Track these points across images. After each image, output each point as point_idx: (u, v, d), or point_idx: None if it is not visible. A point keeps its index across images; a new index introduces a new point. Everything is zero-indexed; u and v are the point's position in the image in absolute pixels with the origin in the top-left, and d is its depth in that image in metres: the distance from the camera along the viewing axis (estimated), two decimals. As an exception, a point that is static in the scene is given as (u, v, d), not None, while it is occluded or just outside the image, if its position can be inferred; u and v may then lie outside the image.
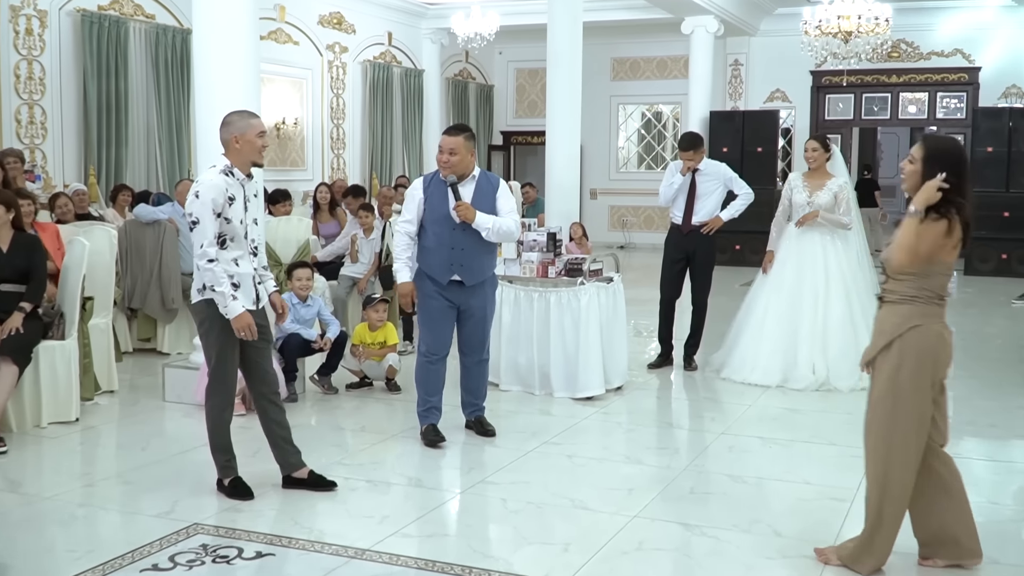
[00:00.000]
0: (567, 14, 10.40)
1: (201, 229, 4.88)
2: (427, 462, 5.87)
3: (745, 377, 7.86)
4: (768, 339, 7.88)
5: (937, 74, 17.78)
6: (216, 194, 4.87)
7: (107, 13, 11.99)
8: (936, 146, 4.10)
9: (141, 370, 8.24)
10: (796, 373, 7.72)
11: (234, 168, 4.98)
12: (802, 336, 7.79)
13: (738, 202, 8.30)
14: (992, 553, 4.41)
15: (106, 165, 11.89)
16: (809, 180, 7.96)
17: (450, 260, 6.00)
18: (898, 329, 4.06)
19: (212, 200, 4.86)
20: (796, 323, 7.82)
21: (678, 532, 4.75)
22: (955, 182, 3.94)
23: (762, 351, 7.87)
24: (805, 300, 7.82)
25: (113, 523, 4.92)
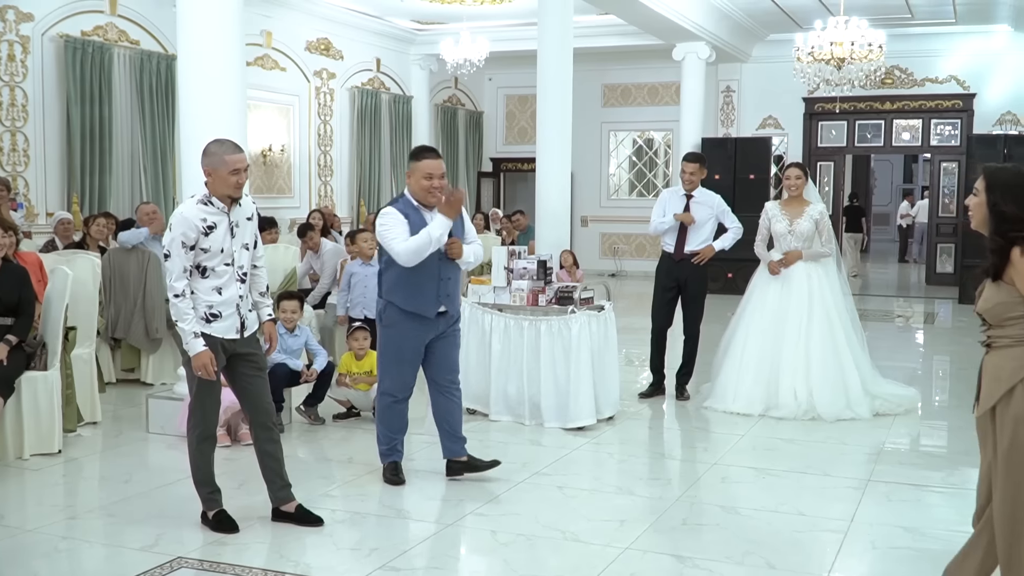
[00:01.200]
0: (557, 40, 10.48)
1: (170, 263, 4.90)
2: (415, 494, 5.87)
3: (727, 406, 7.90)
4: (749, 368, 7.93)
5: (931, 100, 17.93)
6: (186, 228, 4.87)
7: (91, 39, 12.05)
8: (997, 174, 3.87)
9: (125, 401, 8.23)
10: (779, 401, 7.76)
11: (213, 197, 4.96)
12: (785, 363, 7.83)
13: (729, 235, 8.37)
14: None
15: (90, 193, 11.90)
16: (787, 208, 8.06)
17: (438, 292, 5.89)
18: (1018, 373, 3.75)
19: (182, 234, 4.86)
20: (779, 350, 7.86)
21: (670, 564, 4.76)
22: (1017, 213, 3.74)
23: (744, 380, 7.91)
24: (789, 326, 7.87)
25: (96, 556, 4.91)
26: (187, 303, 4.90)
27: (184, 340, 4.93)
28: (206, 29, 6.89)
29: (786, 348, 7.83)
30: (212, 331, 4.97)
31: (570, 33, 10.65)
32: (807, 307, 7.89)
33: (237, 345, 5.08)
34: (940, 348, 11.92)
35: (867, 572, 4.64)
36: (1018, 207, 3.75)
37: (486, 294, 7.76)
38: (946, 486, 6.07)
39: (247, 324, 5.14)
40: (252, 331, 5.19)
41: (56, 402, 6.58)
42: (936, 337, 12.88)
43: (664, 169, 20.05)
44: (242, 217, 5.09)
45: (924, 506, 5.73)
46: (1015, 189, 3.79)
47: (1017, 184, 3.81)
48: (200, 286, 4.96)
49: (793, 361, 7.80)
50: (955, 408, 8.53)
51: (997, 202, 3.78)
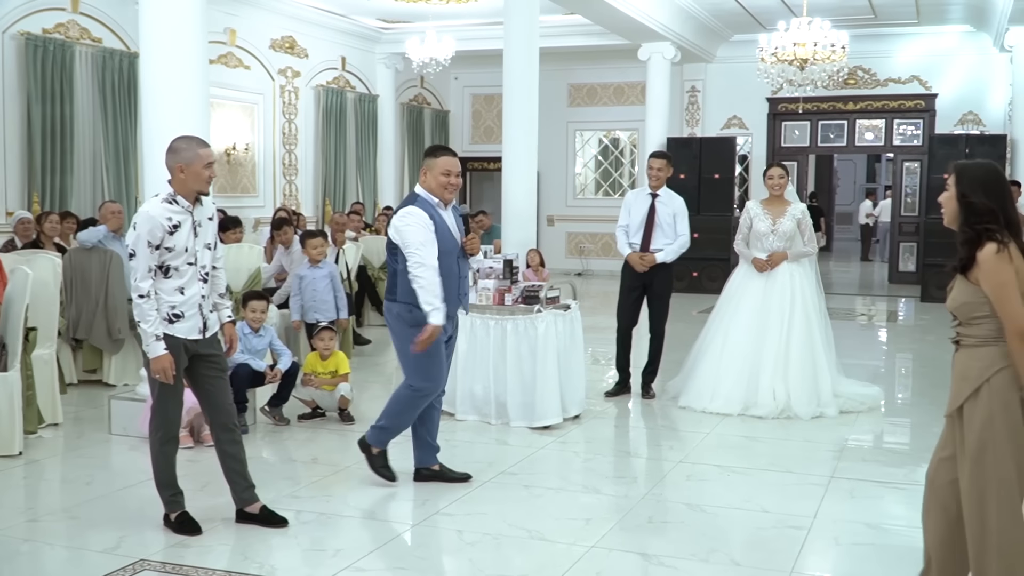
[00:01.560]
0: (523, 40, 10.48)
1: (135, 262, 4.86)
2: (381, 494, 5.85)
3: (705, 406, 7.91)
4: (729, 367, 7.96)
5: (894, 101, 18.11)
6: (152, 226, 4.83)
7: (52, 36, 11.92)
8: (966, 167, 3.94)
9: (86, 402, 8.15)
10: (758, 400, 7.80)
11: (177, 196, 4.93)
12: (765, 362, 7.87)
13: (674, 247, 8.29)
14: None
15: (51, 192, 11.79)
16: (769, 208, 8.10)
17: (459, 290, 5.84)
18: (984, 373, 3.79)
19: (148, 232, 4.82)
20: (760, 348, 7.91)
21: (636, 562, 4.77)
22: (988, 205, 3.80)
23: (723, 379, 7.94)
24: (772, 324, 7.92)
25: (58, 559, 4.86)
26: (151, 304, 4.86)
27: (145, 342, 4.90)
28: (169, 26, 6.85)
29: (768, 346, 7.89)
30: (175, 332, 4.94)
31: (536, 33, 10.66)
32: (790, 305, 7.96)
33: (199, 346, 5.04)
34: (902, 346, 12.02)
35: (831, 568, 4.68)
36: (987, 198, 3.81)
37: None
38: (908, 483, 6.12)
39: (209, 324, 5.11)
40: (214, 332, 5.16)
41: (16, 403, 6.50)
42: (898, 335, 12.98)
43: (630, 168, 20.12)
44: (204, 216, 5.06)
45: (887, 502, 5.78)
46: (984, 181, 3.85)
47: (986, 176, 3.88)
48: (163, 286, 4.92)
49: (774, 359, 7.85)
50: (917, 405, 8.62)
51: (966, 193, 3.84)
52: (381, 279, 12.60)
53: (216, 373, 5.15)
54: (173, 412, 5.10)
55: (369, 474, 5.98)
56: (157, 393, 5.04)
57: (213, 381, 5.15)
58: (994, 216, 3.79)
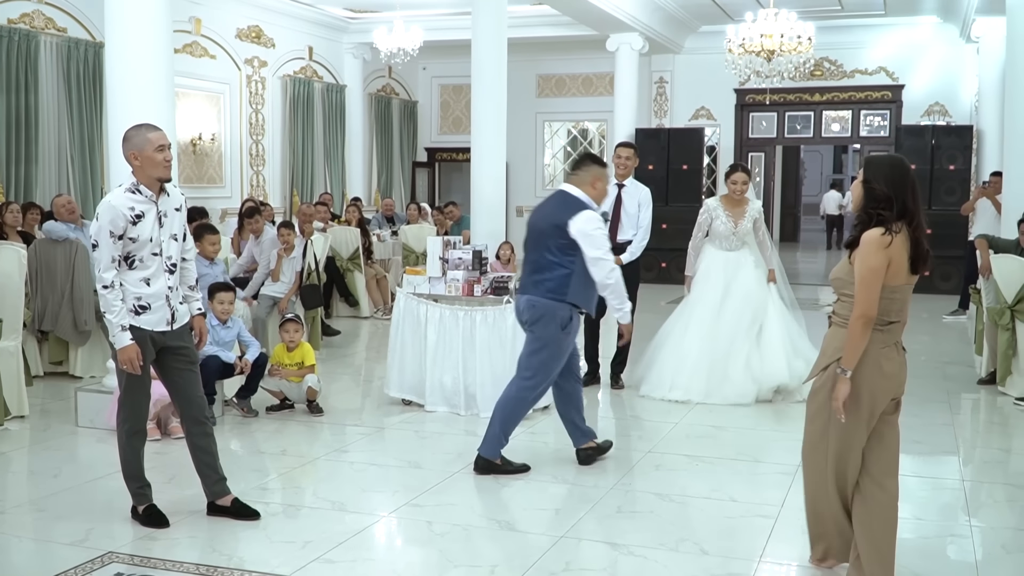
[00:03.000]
0: (492, 30, 10.46)
1: (98, 252, 4.83)
2: (349, 485, 5.85)
3: (664, 394, 8.00)
4: (690, 356, 8.03)
5: (861, 92, 18.22)
6: (114, 215, 4.79)
7: (16, 26, 11.78)
8: (873, 159, 4.21)
9: (53, 394, 8.09)
10: (727, 389, 7.88)
11: (140, 185, 4.89)
12: (737, 349, 7.97)
13: (636, 244, 8.35)
14: (918, 568, 4.55)
15: (15, 183, 11.66)
16: (729, 207, 8.21)
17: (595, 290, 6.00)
18: (837, 354, 4.11)
19: (110, 222, 4.78)
20: (728, 336, 8.00)
21: (605, 552, 4.80)
22: (886, 192, 4.04)
23: (684, 368, 8.01)
24: (744, 312, 8.05)
25: (26, 551, 4.83)
26: (116, 294, 4.83)
27: (111, 332, 4.86)
28: (134, 16, 6.81)
29: (738, 332, 8.02)
30: (141, 323, 4.91)
31: (504, 23, 10.64)
32: (758, 292, 8.15)
33: (167, 338, 5.01)
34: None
35: (797, 556, 4.72)
36: (887, 186, 4.07)
37: (421, 284, 7.74)
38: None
39: (177, 316, 5.07)
40: (183, 324, 5.12)
41: (-19, 396, 6.46)
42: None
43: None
44: (171, 207, 5.01)
45: (852, 491, 5.84)
46: (887, 170, 4.13)
47: (890, 168, 4.15)
48: (128, 277, 4.89)
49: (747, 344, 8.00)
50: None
51: (870, 180, 4.12)
52: (349, 270, 12.58)
53: (186, 365, 5.13)
54: (140, 404, 5.08)
55: (339, 464, 5.97)
56: (124, 385, 5.01)
57: (183, 373, 5.13)
58: (889, 204, 4.05)
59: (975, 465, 6.54)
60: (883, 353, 4.08)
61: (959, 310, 12.79)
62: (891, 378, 4.11)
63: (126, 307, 4.87)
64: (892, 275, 4.03)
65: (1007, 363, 8.29)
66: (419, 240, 13.79)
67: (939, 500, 5.74)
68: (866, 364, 4.05)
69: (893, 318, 4.10)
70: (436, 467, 6.18)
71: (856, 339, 4.00)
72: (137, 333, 4.88)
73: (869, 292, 3.98)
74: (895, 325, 4.12)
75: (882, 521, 4.16)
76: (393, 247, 14.50)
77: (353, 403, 8.13)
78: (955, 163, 15.75)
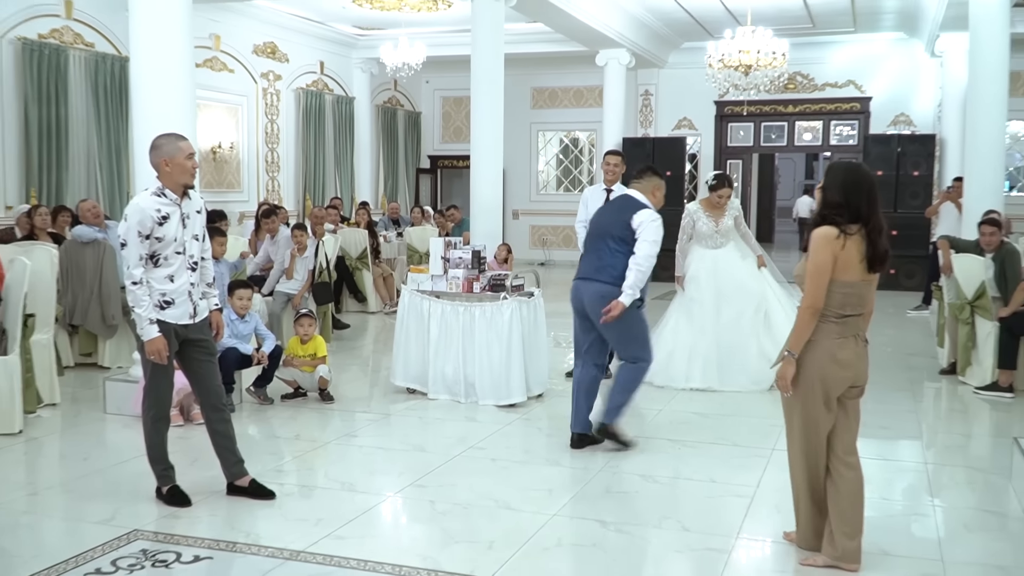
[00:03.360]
0: (490, 46, 10.47)
1: (127, 251, 4.86)
2: (358, 468, 5.86)
3: (683, 384, 8.02)
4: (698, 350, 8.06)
5: (831, 104, 18.20)
6: (142, 217, 4.82)
7: (47, 41, 11.76)
8: (834, 167, 4.21)
9: (82, 383, 8.08)
10: (742, 377, 7.92)
11: (166, 189, 4.92)
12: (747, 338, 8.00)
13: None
14: (884, 545, 4.55)
15: (47, 187, 11.65)
16: (708, 208, 8.22)
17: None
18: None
19: (138, 223, 4.81)
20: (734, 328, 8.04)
21: (594, 529, 4.80)
22: (838, 200, 4.05)
23: (696, 360, 8.04)
24: (744, 303, 8.10)
25: (57, 530, 4.82)
26: (144, 290, 4.85)
27: (139, 326, 4.88)
28: (157, 32, 6.80)
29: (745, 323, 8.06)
30: (165, 317, 4.91)
31: (501, 40, 10.65)
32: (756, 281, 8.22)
33: (189, 331, 5.02)
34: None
35: (772, 533, 4.72)
36: (840, 192, 4.08)
37: (424, 282, 7.75)
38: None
39: (198, 310, 5.09)
40: (203, 317, 5.13)
41: (16, 385, 6.45)
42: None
43: (588, 166, 20.13)
44: (192, 210, 5.05)
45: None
46: (841, 178, 4.13)
47: (844, 173, 4.16)
48: (154, 275, 4.90)
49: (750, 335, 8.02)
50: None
51: (827, 188, 4.14)
52: (358, 268, 12.57)
53: (205, 356, 5.14)
54: (165, 392, 5.09)
55: (349, 448, 5.97)
56: (149, 374, 5.01)
57: (203, 364, 5.14)
58: (841, 209, 4.06)
59: (937, 449, 6.55)
60: (838, 344, 4.09)
61: (922, 306, 12.80)
62: (847, 367, 4.10)
63: (152, 302, 4.88)
64: (844, 271, 4.04)
65: (967, 355, 8.31)
66: (422, 241, 13.77)
67: (904, 481, 5.74)
68: (818, 352, 4.08)
69: (849, 312, 4.08)
70: (438, 450, 6.18)
71: (802, 326, 4.08)
72: (162, 326, 4.89)
73: (815, 285, 4.04)
74: (853, 319, 4.11)
75: (851, 497, 4.18)
76: (398, 247, 14.49)
77: (362, 391, 8.13)
78: (919, 169, 15.76)
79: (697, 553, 4.49)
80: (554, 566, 4.33)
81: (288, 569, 4.25)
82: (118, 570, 4.20)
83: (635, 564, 4.36)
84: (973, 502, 5.35)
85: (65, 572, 4.18)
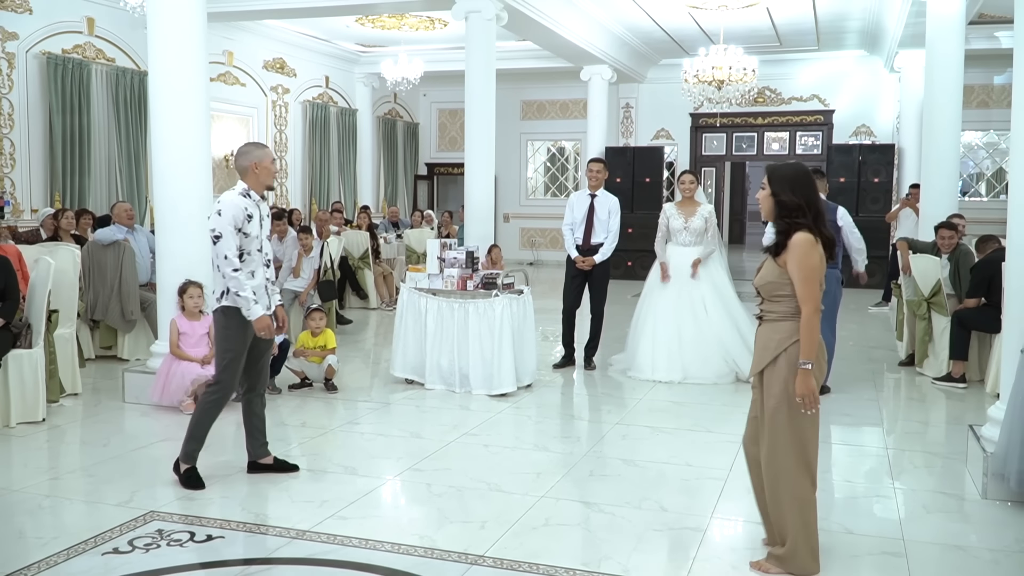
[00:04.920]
0: (483, 62, 10.43)
1: (224, 242, 4.85)
2: (360, 453, 5.82)
3: (648, 376, 7.98)
4: (663, 341, 8.01)
5: (797, 116, 18.19)
6: (236, 211, 4.87)
7: (71, 56, 11.68)
8: (776, 169, 3.95)
9: (103, 375, 8.02)
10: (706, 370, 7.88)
11: (251, 191, 4.98)
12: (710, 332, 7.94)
13: (607, 246, 8.35)
14: (848, 524, 4.54)
15: (70, 192, 11.58)
16: (682, 208, 8.21)
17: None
18: (782, 344, 3.83)
19: (233, 217, 4.85)
20: (695, 321, 7.99)
21: (579, 509, 4.78)
22: (796, 201, 3.81)
23: (660, 352, 7.99)
24: (705, 298, 8.01)
25: (77, 512, 4.77)
26: (244, 275, 4.89)
27: (246, 307, 4.88)
28: (174, 49, 6.78)
29: (695, 323, 7.99)
30: None
31: (493, 56, 10.62)
32: (710, 289, 8.07)
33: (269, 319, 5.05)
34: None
35: (743, 513, 4.70)
36: (794, 195, 3.83)
37: (422, 280, 7.71)
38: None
39: (272, 303, 5.14)
40: (273, 310, 5.15)
41: (40, 376, 6.40)
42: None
43: (574, 173, 20.09)
44: (266, 212, 5.12)
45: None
46: (790, 180, 3.88)
47: (794, 176, 3.89)
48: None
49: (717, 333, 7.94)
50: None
51: (777, 192, 3.88)
52: (360, 268, 12.52)
53: (268, 346, 5.22)
54: (235, 380, 5.08)
55: (352, 435, 5.91)
56: (226, 362, 4.99)
57: (264, 354, 5.20)
58: (802, 211, 3.82)
59: (897, 435, 6.53)
60: (819, 345, 3.87)
61: (882, 302, 12.80)
62: (823, 364, 3.91)
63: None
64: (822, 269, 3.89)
65: (924, 348, 8.30)
66: (420, 242, 13.72)
67: (866, 465, 5.73)
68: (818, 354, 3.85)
69: (822, 310, 3.91)
70: (435, 437, 6.14)
71: (815, 331, 3.75)
72: (239, 318, 4.91)
73: (813, 287, 3.75)
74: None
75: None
76: (398, 248, 14.44)
77: (363, 382, 8.08)
78: (879, 176, 15.77)
79: (675, 532, 4.46)
80: (542, 544, 4.29)
81: (295, 547, 4.21)
82: (135, 549, 4.16)
83: (617, 542, 4.33)
84: (931, 485, 5.33)
85: (85, 551, 4.13)
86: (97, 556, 4.08)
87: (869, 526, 4.59)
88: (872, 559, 4.16)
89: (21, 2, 11.11)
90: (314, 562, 4.06)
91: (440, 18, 14.39)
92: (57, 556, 4.06)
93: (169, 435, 6.11)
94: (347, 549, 4.19)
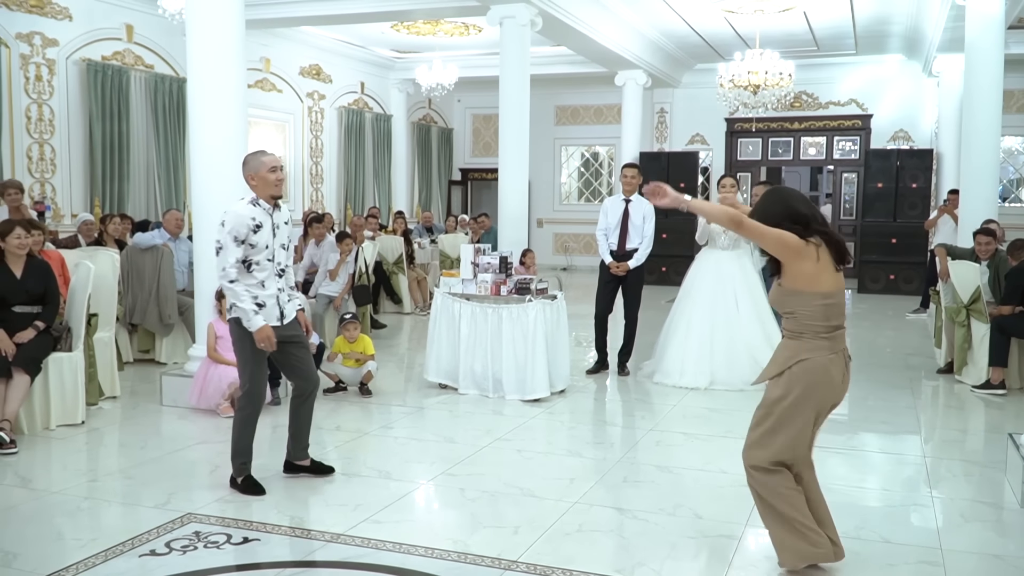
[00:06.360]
0: (517, 68, 10.45)
1: (224, 254, 4.87)
2: (394, 457, 5.84)
3: (675, 381, 7.93)
4: (693, 347, 7.96)
5: (834, 121, 18.04)
6: (239, 222, 4.86)
7: (110, 63, 11.85)
8: (759, 203, 4.00)
9: (141, 378, 8.12)
10: (732, 375, 7.81)
11: (260, 200, 4.97)
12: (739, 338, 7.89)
13: (642, 251, 8.30)
14: (884, 533, 4.49)
15: (110, 197, 11.75)
16: None
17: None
18: (788, 362, 3.86)
19: (234, 228, 4.85)
20: (728, 327, 7.93)
21: (613, 516, 4.76)
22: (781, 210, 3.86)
23: (689, 358, 7.95)
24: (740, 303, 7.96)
25: (115, 514, 4.83)
26: (240, 286, 4.89)
27: (246, 319, 4.89)
28: (213, 56, 6.83)
29: (738, 327, 7.93)
30: None
31: (527, 61, 10.63)
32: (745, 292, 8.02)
33: (279, 331, 5.02)
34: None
35: (780, 521, 4.65)
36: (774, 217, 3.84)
37: (455, 285, 7.73)
38: (845, 448, 6.13)
39: (286, 313, 5.10)
40: (291, 318, 5.15)
41: (80, 379, 6.49)
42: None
43: (608, 179, 20.07)
44: (282, 220, 5.08)
45: (829, 465, 5.73)
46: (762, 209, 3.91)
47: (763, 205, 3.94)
48: (247, 280, 4.93)
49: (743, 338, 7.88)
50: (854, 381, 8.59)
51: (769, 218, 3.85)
52: (394, 273, 12.58)
53: (299, 350, 5.17)
54: (262, 391, 5.12)
55: (385, 439, 5.94)
56: (249, 376, 5.02)
57: (300, 358, 5.18)
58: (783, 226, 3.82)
59: (935, 443, 6.45)
60: (831, 360, 3.85)
61: (920, 309, 12.66)
62: (837, 387, 3.89)
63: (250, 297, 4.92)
64: (825, 282, 3.82)
65: (963, 355, 8.19)
66: (454, 247, 13.77)
67: (903, 474, 5.66)
68: (817, 371, 3.82)
69: (835, 322, 3.85)
70: (468, 441, 6.15)
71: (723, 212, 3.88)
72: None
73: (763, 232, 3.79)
74: (839, 332, 3.89)
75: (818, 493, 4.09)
76: (432, 253, 14.49)
77: (397, 386, 8.12)
78: (917, 182, 15.60)
79: (709, 539, 4.43)
80: (576, 549, 4.28)
81: (329, 551, 4.24)
82: (172, 551, 4.20)
83: (651, 549, 4.31)
84: (969, 494, 5.26)
85: (122, 553, 4.18)
86: (134, 558, 4.13)
87: (906, 535, 4.54)
88: (909, 568, 4.12)
89: (61, 9, 11.30)
90: (349, 565, 4.08)
91: (475, 24, 14.45)
92: (95, 557, 4.11)
93: (206, 438, 6.17)
94: (381, 553, 4.21)
